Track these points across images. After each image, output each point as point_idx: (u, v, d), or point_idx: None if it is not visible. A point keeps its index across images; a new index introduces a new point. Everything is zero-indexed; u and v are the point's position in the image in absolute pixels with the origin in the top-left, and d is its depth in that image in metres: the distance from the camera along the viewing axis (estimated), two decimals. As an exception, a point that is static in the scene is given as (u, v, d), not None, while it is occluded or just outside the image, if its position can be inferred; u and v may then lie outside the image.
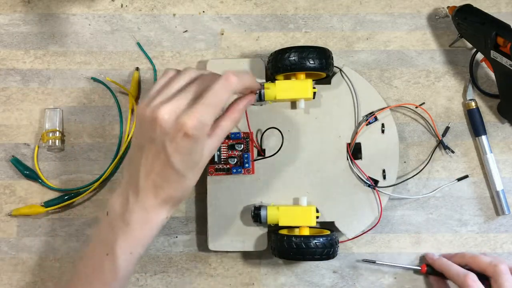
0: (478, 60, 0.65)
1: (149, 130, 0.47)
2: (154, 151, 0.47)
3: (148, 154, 0.48)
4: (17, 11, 0.66)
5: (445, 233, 0.64)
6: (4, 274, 0.63)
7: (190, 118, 0.45)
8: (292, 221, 0.59)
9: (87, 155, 0.64)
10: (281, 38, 0.66)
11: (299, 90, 0.59)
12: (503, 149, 0.65)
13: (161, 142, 0.46)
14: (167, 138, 0.46)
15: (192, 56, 0.66)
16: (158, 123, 0.46)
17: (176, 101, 0.46)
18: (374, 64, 0.66)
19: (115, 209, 0.50)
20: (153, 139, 0.47)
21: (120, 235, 0.49)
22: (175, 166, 0.47)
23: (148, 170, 0.48)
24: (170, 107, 0.46)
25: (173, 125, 0.45)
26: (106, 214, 0.51)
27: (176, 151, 0.46)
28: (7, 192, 0.64)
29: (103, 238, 0.50)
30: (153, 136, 0.46)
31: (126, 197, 0.49)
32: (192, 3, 0.67)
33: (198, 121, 0.45)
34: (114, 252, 0.49)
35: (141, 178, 0.48)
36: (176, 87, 0.48)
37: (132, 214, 0.49)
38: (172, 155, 0.46)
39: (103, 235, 0.50)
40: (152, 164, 0.48)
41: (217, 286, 0.63)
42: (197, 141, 0.46)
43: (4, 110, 0.65)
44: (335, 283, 0.63)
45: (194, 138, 0.45)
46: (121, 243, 0.49)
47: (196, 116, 0.45)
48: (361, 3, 0.67)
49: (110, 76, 0.65)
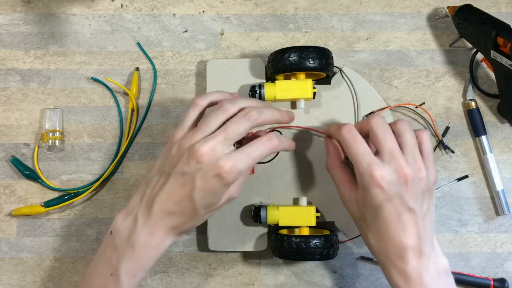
0: (478, 60, 0.65)
1: (183, 162, 0.48)
2: (181, 182, 0.48)
3: (174, 182, 0.49)
4: (17, 11, 0.66)
5: (445, 233, 0.64)
6: (4, 274, 0.63)
7: (229, 162, 0.47)
8: (292, 221, 0.59)
9: (87, 155, 0.64)
10: (281, 38, 0.66)
11: (299, 90, 0.59)
12: (503, 149, 0.65)
13: (192, 176, 0.48)
14: (200, 174, 0.47)
15: (192, 56, 0.66)
16: (196, 159, 0.47)
17: (215, 141, 0.48)
18: (374, 64, 0.66)
19: (121, 229, 0.51)
20: (184, 171, 0.48)
21: (124, 257, 0.50)
22: (195, 201, 0.48)
23: (168, 197, 0.49)
24: (210, 146, 0.48)
25: (210, 164, 0.47)
26: (110, 233, 0.52)
27: (203, 188, 0.48)
28: (7, 192, 0.64)
29: (107, 258, 0.51)
30: (185, 169, 0.48)
31: (135, 218, 0.50)
32: (192, 3, 0.67)
33: (235, 167, 0.47)
34: (117, 273, 0.50)
35: (157, 202, 0.49)
36: (215, 124, 0.50)
37: (138, 236, 0.50)
38: (197, 190, 0.48)
39: (107, 254, 0.51)
40: (174, 192, 0.49)
41: (217, 286, 0.63)
42: (225, 185, 0.48)
43: (4, 110, 0.65)
44: (335, 283, 0.63)
45: (224, 181, 0.47)
46: (125, 265, 0.50)
47: (235, 162, 0.47)
48: (361, 3, 0.67)
49: (110, 76, 0.65)
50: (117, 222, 0.51)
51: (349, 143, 0.51)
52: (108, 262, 0.51)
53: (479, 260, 0.63)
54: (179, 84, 0.65)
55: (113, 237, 0.51)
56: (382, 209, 0.49)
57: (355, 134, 0.51)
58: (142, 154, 0.65)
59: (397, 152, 0.50)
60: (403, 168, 0.49)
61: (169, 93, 0.65)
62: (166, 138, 0.65)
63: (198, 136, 0.49)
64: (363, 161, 0.49)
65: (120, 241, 0.50)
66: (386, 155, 0.50)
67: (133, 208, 0.51)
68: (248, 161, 0.48)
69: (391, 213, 0.49)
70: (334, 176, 0.55)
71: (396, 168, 0.49)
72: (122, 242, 0.50)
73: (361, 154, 0.50)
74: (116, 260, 0.50)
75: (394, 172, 0.49)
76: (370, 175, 0.49)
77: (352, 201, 0.52)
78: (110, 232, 0.52)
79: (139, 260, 0.50)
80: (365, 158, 0.50)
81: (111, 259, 0.50)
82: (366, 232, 0.52)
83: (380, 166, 0.49)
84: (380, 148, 0.50)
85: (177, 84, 0.65)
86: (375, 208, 0.50)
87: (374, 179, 0.49)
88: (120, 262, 0.50)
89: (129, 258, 0.50)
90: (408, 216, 0.49)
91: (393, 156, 0.49)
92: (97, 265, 0.52)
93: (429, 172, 0.51)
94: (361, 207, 0.51)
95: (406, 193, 0.49)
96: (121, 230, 0.51)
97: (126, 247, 0.50)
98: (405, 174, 0.49)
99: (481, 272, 0.63)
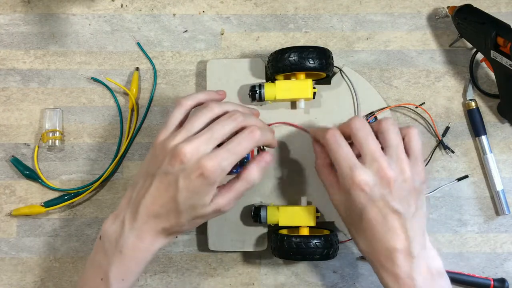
0: (478, 60, 0.65)
1: (166, 163, 0.48)
2: (166, 183, 0.48)
3: (158, 184, 0.49)
4: (17, 11, 0.66)
5: (445, 233, 0.64)
6: (4, 274, 0.63)
7: (212, 161, 0.47)
8: (292, 221, 0.59)
9: (87, 155, 0.64)
10: (281, 38, 0.66)
11: (299, 90, 0.59)
12: (503, 149, 0.65)
13: (175, 176, 0.48)
14: (183, 175, 0.47)
15: (192, 56, 0.66)
16: (179, 158, 0.47)
17: (199, 141, 0.48)
18: (374, 64, 0.66)
19: (109, 233, 0.51)
20: (168, 172, 0.48)
21: (113, 261, 0.50)
22: (179, 202, 0.48)
23: (153, 199, 0.49)
24: (194, 145, 0.47)
25: (193, 164, 0.47)
26: (99, 238, 0.52)
27: (186, 188, 0.47)
28: (7, 192, 0.64)
29: (98, 262, 0.51)
30: (169, 170, 0.48)
31: (122, 221, 0.50)
32: (192, 3, 0.67)
33: (218, 165, 0.47)
34: (107, 277, 0.50)
35: (143, 204, 0.49)
36: (199, 123, 0.50)
37: (126, 240, 0.49)
38: (181, 191, 0.48)
39: (97, 259, 0.51)
40: (159, 194, 0.49)
41: (217, 286, 0.63)
42: (209, 184, 0.47)
43: (4, 110, 0.65)
44: (335, 283, 0.63)
45: (208, 180, 0.47)
46: (114, 269, 0.50)
47: (218, 160, 0.47)
48: (361, 3, 0.67)
49: (110, 76, 0.65)
50: (106, 226, 0.51)
51: (332, 147, 0.51)
52: (98, 267, 0.51)
53: (479, 260, 0.63)
54: (179, 84, 0.65)
55: (102, 242, 0.51)
56: (366, 212, 0.49)
57: (339, 138, 0.51)
58: (142, 154, 0.65)
59: (378, 154, 0.49)
60: (384, 170, 0.48)
61: (169, 93, 0.65)
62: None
63: (183, 136, 0.49)
64: (345, 164, 0.49)
65: (109, 245, 0.50)
66: (368, 158, 0.49)
67: (121, 212, 0.51)
68: (230, 158, 0.48)
69: (375, 215, 0.49)
70: (322, 178, 0.55)
71: (378, 171, 0.49)
72: (111, 247, 0.50)
73: (342, 157, 0.50)
74: (106, 264, 0.50)
75: (375, 174, 0.49)
76: (351, 178, 0.49)
77: (340, 203, 0.52)
78: (99, 236, 0.52)
79: (128, 264, 0.50)
80: (347, 161, 0.49)
81: (101, 264, 0.50)
82: (354, 234, 0.52)
83: (361, 169, 0.49)
84: (362, 151, 0.50)
85: (177, 84, 0.65)
86: (359, 211, 0.50)
87: (355, 182, 0.49)
88: (109, 267, 0.50)
89: (118, 263, 0.50)
90: (394, 218, 0.49)
91: (374, 159, 0.49)
92: (89, 270, 0.52)
93: (415, 171, 0.50)
94: (347, 209, 0.51)
95: (389, 195, 0.49)
96: (109, 234, 0.51)
97: (115, 251, 0.50)
98: (387, 176, 0.48)
99: (481, 272, 0.63)
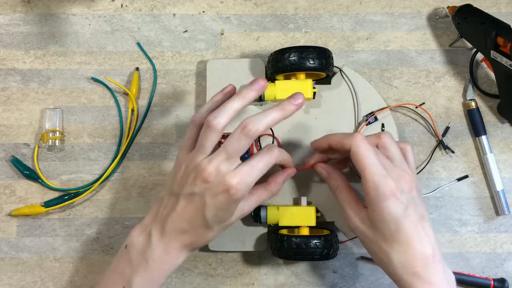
0: (478, 60, 0.65)
1: (189, 183, 0.49)
2: (192, 202, 0.49)
3: (184, 203, 0.50)
4: (17, 11, 0.66)
5: (445, 233, 0.64)
6: (4, 274, 0.63)
7: (236, 178, 0.47)
8: (292, 221, 0.59)
9: (87, 155, 0.64)
10: (281, 38, 0.66)
11: (299, 90, 0.59)
12: (503, 149, 0.65)
13: (201, 194, 0.48)
14: (209, 193, 0.48)
15: (192, 56, 0.66)
16: (202, 178, 0.48)
17: (218, 159, 0.48)
18: (374, 64, 0.66)
19: (135, 244, 0.51)
20: (193, 192, 0.49)
21: (138, 270, 0.51)
22: (207, 218, 0.49)
23: (180, 217, 0.50)
24: (215, 164, 0.48)
25: (218, 182, 0.48)
26: (125, 247, 0.52)
27: (213, 205, 0.48)
28: (7, 192, 0.64)
29: (120, 270, 0.52)
30: (194, 189, 0.49)
31: (149, 233, 0.51)
32: (192, 3, 0.67)
33: (242, 182, 0.47)
34: (130, 286, 0.50)
35: (169, 222, 0.50)
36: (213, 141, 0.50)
37: (153, 252, 0.50)
38: (208, 208, 0.48)
39: (121, 267, 0.52)
40: (185, 212, 0.50)
41: (217, 286, 0.63)
42: (236, 201, 0.48)
43: (4, 110, 0.65)
44: (335, 283, 0.63)
45: (234, 197, 0.48)
46: (138, 279, 0.50)
47: (241, 177, 0.48)
48: (361, 3, 0.67)
49: (110, 76, 0.65)
50: (133, 237, 0.52)
51: (364, 154, 0.50)
52: (121, 274, 0.51)
53: (479, 260, 0.63)
54: (179, 84, 0.65)
55: (127, 251, 0.52)
56: (402, 221, 0.48)
57: (367, 144, 0.50)
58: (142, 154, 0.65)
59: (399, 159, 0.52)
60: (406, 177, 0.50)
61: (169, 93, 0.65)
62: (167, 138, 0.65)
63: (200, 156, 0.49)
64: (378, 172, 0.49)
65: (135, 255, 0.51)
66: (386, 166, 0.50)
67: (147, 225, 0.52)
68: (254, 174, 0.49)
69: (410, 222, 0.49)
70: (340, 198, 0.54)
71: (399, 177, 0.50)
72: (137, 256, 0.51)
73: (375, 165, 0.49)
74: (130, 273, 0.51)
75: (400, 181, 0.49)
76: (385, 186, 0.48)
77: (364, 222, 0.51)
78: (125, 245, 0.52)
79: (153, 274, 0.51)
80: (379, 170, 0.49)
81: (125, 272, 0.51)
82: (387, 250, 0.50)
83: (391, 178, 0.49)
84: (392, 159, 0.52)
85: (177, 84, 0.65)
86: (395, 221, 0.48)
87: (389, 190, 0.48)
88: (133, 276, 0.51)
89: (143, 272, 0.50)
90: (423, 223, 0.49)
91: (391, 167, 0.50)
92: (109, 276, 0.53)
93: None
94: (376, 225, 0.50)
95: (413, 201, 0.49)
96: (136, 244, 0.51)
97: (141, 261, 0.51)
98: (409, 183, 0.50)
99: (481, 272, 0.63)
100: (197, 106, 0.65)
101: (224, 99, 0.53)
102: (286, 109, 0.49)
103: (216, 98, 0.53)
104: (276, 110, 0.49)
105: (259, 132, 0.48)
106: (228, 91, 0.53)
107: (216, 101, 0.53)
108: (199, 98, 0.65)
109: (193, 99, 0.65)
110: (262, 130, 0.48)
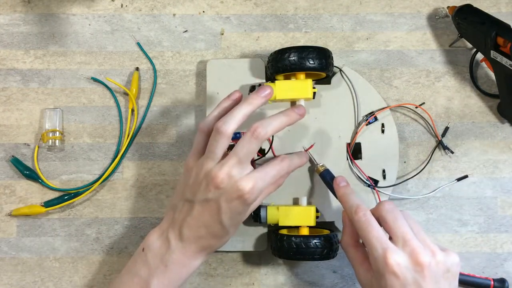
0: (478, 60, 0.65)
1: (202, 189, 0.50)
2: (207, 208, 0.50)
3: (199, 209, 0.51)
4: (17, 11, 0.66)
5: (445, 233, 0.64)
6: (4, 274, 0.63)
7: (249, 184, 0.49)
8: (292, 221, 0.59)
9: (87, 155, 0.64)
10: (281, 38, 0.66)
11: (299, 90, 0.59)
12: (503, 149, 0.65)
13: (216, 200, 0.50)
14: (223, 198, 0.49)
15: (192, 56, 0.66)
16: (215, 184, 0.49)
17: (229, 165, 0.49)
18: (374, 64, 0.66)
19: (153, 248, 0.52)
20: (208, 198, 0.50)
21: (156, 273, 0.51)
22: (223, 223, 0.50)
23: (196, 222, 0.51)
24: (227, 170, 0.49)
25: (231, 187, 0.49)
26: (142, 250, 0.53)
27: (229, 210, 0.50)
28: (7, 192, 0.64)
29: (137, 273, 0.52)
30: (208, 195, 0.50)
31: (167, 239, 0.52)
32: (192, 3, 0.67)
33: (255, 187, 0.49)
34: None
35: (186, 227, 0.51)
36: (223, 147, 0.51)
37: (171, 256, 0.51)
38: (224, 213, 0.50)
39: (137, 270, 0.52)
40: (202, 218, 0.51)
41: (217, 286, 0.63)
42: (249, 205, 0.50)
43: (4, 110, 0.65)
44: (335, 283, 0.63)
45: (247, 202, 0.49)
46: (156, 281, 0.51)
47: (255, 182, 0.49)
48: (361, 3, 0.67)
49: (110, 76, 0.65)
50: (150, 240, 0.53)
51: (364, 227, 0.50)
52: (138, 277, 0.52)
53: (479, 260, 0.63)
54: (179, 84, 0.65)
55: (145, 254, 0.52)
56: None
57: (370, 217, 0.50)
58: (142, 154, 0.65)
59: (409, 237, 0.48)
60: (417, 254, 0.47)
61: (169, 93, 0.65)
62: (167, 138, 0.65)
63: (210, 162, 0.50)
64: (378, 246, 0.48)
65: (153, 258, 0.52)
66: (400, 240, 0.48)
67: (164, 229, 0.53)
68: (267, 179, 0.50)
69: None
70: (350, 255, 0.53)
71: (411, 254, 0.47)
72: (155, 260, 0.52)
73: (375, 238, 0.49)
74: (147, 276, 0.51)
75: (409, 258, 0.47)
76: (384, 260, 0.47)
77: (368, 282, 0.50)
78: (142, 248, 0.53)
79: (171, 277, 0.51)
80: (380, 243, 0.48)
81: (141, 275, 0.52)
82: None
83: (395, 252, 0.47)
84: (392, 234, 0.49)
85: (177, 84, 0.65)
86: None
87: (388, 264, 0.47)
88: (151, 278, 0.51)
89: (161, 275, 0.51)
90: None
91: (405, 241, 0.48)
92: (125, 278, 0.53)
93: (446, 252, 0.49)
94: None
95: (423, 280, 0.47)
96: (153, 248, 0.52)
97: (159, 264, 0.51)
98: (420, 260, 0.47)
99: (481, 272, 0.63)
100: (197, 106, 0.65)
101: (232, 105, 0.54)
102: (291, 115, 0.53)
103: (224, 105, 0.55)
104: (282, 115, 0.53)
105: (267, 136, 0.50)
106: (236, 98, 0.55)
107: (223, 107, 0.54)
108: (199, 98, 0.65)
109: (193, 99, 0.65)
110: (270, 134, 0.51)
